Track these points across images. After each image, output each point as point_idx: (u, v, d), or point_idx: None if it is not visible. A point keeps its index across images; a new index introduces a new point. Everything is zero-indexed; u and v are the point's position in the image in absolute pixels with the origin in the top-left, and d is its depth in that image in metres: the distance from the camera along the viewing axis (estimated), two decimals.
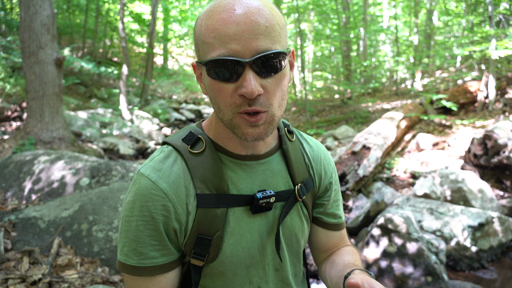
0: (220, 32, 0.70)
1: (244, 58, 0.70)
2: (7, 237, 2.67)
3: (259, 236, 0.88)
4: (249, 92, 0.70)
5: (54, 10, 5.48)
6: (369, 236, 3.12)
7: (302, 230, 0.96)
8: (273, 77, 0.74)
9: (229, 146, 0.86)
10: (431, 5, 12.84)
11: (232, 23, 0.69)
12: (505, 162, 4.41)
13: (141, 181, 0.81)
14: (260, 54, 0.70)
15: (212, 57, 0.71)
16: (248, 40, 0.69)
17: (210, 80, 0.75)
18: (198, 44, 0.76)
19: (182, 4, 19.26)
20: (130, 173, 3.67)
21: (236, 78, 0.72)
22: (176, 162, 0.83)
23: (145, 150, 7.54)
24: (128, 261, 0.80)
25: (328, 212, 1.03)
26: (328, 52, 16.72)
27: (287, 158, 0.93)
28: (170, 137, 0.90)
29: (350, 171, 4.50)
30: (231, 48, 0.69)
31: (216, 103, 0.77)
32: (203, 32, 0.73)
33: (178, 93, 17.53)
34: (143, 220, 0.79)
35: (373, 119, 8.34)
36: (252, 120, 0.74)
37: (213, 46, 0.71)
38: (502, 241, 3.46)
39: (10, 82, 7.77)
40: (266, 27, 0.70)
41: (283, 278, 0.94)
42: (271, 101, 0.75)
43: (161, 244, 0.80)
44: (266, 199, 0.85)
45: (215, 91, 0.75)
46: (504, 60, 8.74)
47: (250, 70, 0.70)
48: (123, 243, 0.81)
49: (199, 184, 0.82)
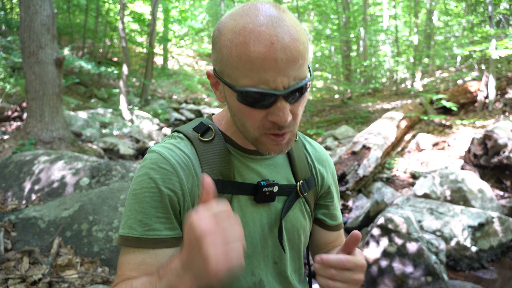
0: (258, 65, 0.69)
1: (279, 90, 0.71)
2: (7, 237, 2.67)
3: (261, 226, 0.90)
4: (283, 121, 0.73)
5: (54, 10, 5.48)
6: (369, 236, 3.12)
7: (303, 226, 0.97)
8: (299, 100, 0.77)
9: (238, 141, 0.90)
10: (431, 5, 12.84)
11: (270, 59, 0.69)
12: (505, 162, 4.41)
13: (151, 156, 0.83)
14: (294, 87, 0.72)
15: (247, 85, 0.71)
16: (284, 73, 0.70)
17: (239, 104, 0.76)
18: (226, 66, 0.74)
19: (182, 4, 19.26)
20: (130, 173, 3.67)
21: (268, 106, 0.74)
22: (187, 147, 0.86)
23: (145, 150, 7.54)
24: (131, 233, 0.79)
25: (331, 214, 1.06)
26: (328, 52, 16.71)
27: (290, 156, 0.97)
28: (181, 126, 0.93)
29: (350, 171, 4.50)
30: (267, 81, 0.70)
31: (242, 122, 0.79)
32: (235, 58, 0.71)
33: (178, 93, 17.53)
34: (149, 192, 0.80)
35: (373, 119, 8.34)
36: (279, 140, 0.78)
37: (246, 75, 0.71)
38: (502, 241, 3.46)
39: (10, 82, 7.77)
40: (299, 60, 0.71)
41: (281, 272, 0.95)
42: (296, 121, 0.79)
43: (165, 217, 0.80)
44: (269, 187, 0.87)
45: (244, 114, 0.77)
46: (504, 60, 8.74)
47: (283, 100, 0.73)
48: (128, 216, 0.81)
49: (206, 169, 0.84)
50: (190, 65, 22.67)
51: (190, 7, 19.85)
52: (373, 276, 2.95)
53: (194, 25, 18.60)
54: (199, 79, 18.58)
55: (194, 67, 22.57)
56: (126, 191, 3.03)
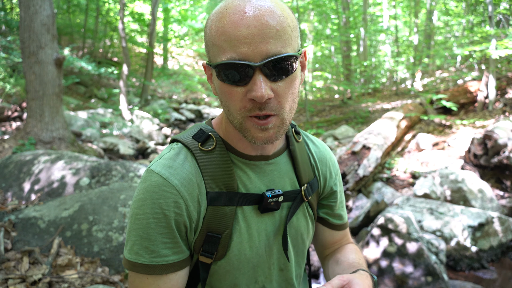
0: (231, 35, 0.69)
1: (254, 62, 0.69)
2: (7, 237, 2.67)
3: (266, 235, 0.88)
4: (259, 96, 0.69)
5: (54, 10, 5.47)
6: (369, 236, 3.12)
7: (307, 230, 0.97)
8: (284, 80, 0.73)
9: (239, 146, 0.86)
10: (431, 5, 12.84)
11: (243, 26, 0.68)
12: (505, 162, 4.41)
13: (151, 178, 0.80)
14: (270, 58, 0.69)
15: (222, 60, 0.71)
16: (258, 43, 0.68)
17: (220, 83, 0.74)
18: (208, 46, 0.76)
19: (182, 4, 19.25)
20: (130, 173, 3.67)
21: (246, 82, 0.71)
22: (187, 159, 0.83)
23: (145, 150, 7.54)
24: (139, 260, 0.78)
25: (335, 213, 1.04)
26: (328, 52, 16.72)
27: (294, 159, 0.93)
28: (179, 134, 0.89)
29: (350, 171, 4.50)
30: (241, 52, 0.68)
31: (226, 106, 0.77)
32: (214, 34, 0.72)
33: (178, 93, 17.53)
34: (154, 218, 0.78)
35: (373, 119, 8.34)
36: (262, 123, 0.74)
37: (223, 49, 0.70)
38: (502, 241, 3.46)
39: (10, 82, 7.76)
40: (277, 30, 0.69)
41: (287, 278, 0.95)
42: (282, 105, 0.74)
43: (172, 242, 0.79)
44: (275, 198, 0.85)
45: (225, 94, 0.75)
46: (504, 60, 8.74)
47: (261, 73, 0.70)
48: (133, 241, 0.79)
49: (209, 182, 0.82)
50: (190, 65, 22.67)
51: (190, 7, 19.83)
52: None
53: (194, 25, 18.60)
54: (199, 79, 18.59)
55: (194, 67, 22.57)
56: (126, 191, 3.03)
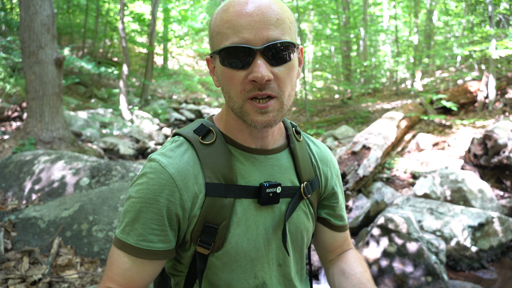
0: (234, 22, 0.75)
1: (255, 46, 0.74)
2: (7, 237, 2.67)
3: (264, 229, 0.89)
4: (260, 77, 0.73)
5: (54, 10, 5.48)
6: (369, 236, 3.12)
7: (307, 227, 0.97)
8: (283, 66, 0.77)
9: (239, 138, 0.89)
10: (431, 5, 12.83)
11: (245, 15, 0.74)
12: (505, 162, 4.41)
13: (150, 165, 0.84)
14: (270, 43, 0.74)
15: (226, 45, 0.75)
16: (259, 29, 0.74)
17: (222, 68, 0.79)
18: (212, 36, 0.81)
19: (182, 4, 19.25)
20: (130, 173, 3.67)
21: (247, 65, 0.75)
22: (187, 151, 0.86)
23: (145, 150, 7.54)
24: (128, 240, 0.82)
25: (336, 214, 1.05)
26: (328, 52, 16.71)
27: (294, 157, 0.95)
28: (181, 129, 0.93)
29: (350, 171, 4.50)
30: (244, 37, 0.74)
31: (227, 92, 0.80)
32: (218, 24, 0.78)
33: (178, 93, 17.52)
34: (147, 202, 0.81)
35: (373, 119, 8.34)
36: (261, 106, 0.77)
37: (226, 35, 0.76)
38: (502, 241, 3.46)
39: (10, 82, 7.76)
40: (277, 19, 0.75)
41: (286, 274, 0.95)
42: (282, 88, 0.78)
43: (160, 229, 0.82)
44: (272, 187, 0.87)
45: (227, 79, 0.78)
46: (504, 60, 8.74)
47: (261, 57, 0.74)
48: (126, 222, 0.83)
49: (208, 173, 0.84)
50: (190, 65, 22.67)
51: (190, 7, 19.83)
52: (373, 276, 2.94)
53: (194, 25, 18.60)
54: (199, 79, 18.59)
55: (194, 67, 22.57)
56: (126, 191, 3.03)
